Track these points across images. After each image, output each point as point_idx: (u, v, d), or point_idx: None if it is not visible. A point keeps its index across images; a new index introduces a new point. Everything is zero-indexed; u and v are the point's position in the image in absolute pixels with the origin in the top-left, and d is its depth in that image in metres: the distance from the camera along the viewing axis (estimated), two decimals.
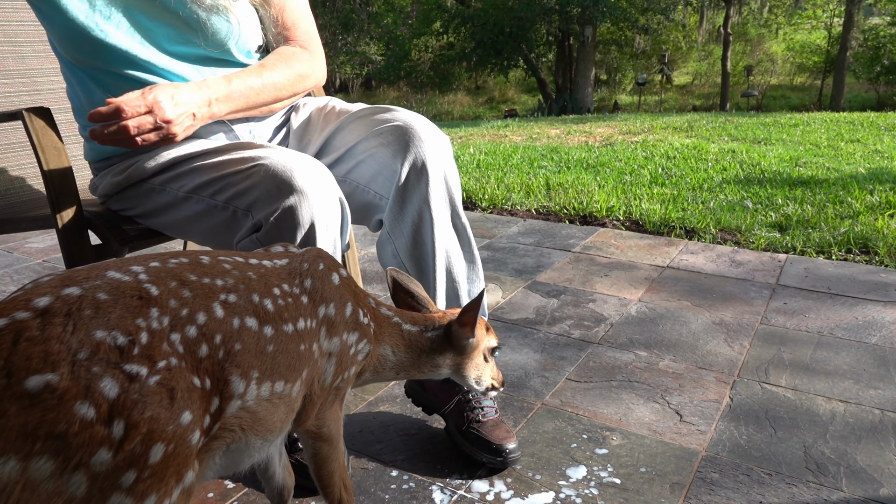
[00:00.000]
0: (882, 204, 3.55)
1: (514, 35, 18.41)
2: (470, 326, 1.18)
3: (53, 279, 0.72)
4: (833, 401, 1.73)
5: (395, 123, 1.44)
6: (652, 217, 3.41)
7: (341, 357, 0.98)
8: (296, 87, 1.51)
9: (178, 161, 1.40)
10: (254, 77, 1.41)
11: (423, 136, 1.42)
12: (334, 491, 1.07)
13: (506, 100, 23.57)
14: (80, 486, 0.63)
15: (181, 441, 0.70)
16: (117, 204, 1.51)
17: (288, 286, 0.91)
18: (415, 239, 1.42)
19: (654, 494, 1.38)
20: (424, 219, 1.41)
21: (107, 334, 0.68)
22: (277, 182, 1.23)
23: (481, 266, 1.55)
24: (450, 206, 1.46)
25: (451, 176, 1.46)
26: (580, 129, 7.67)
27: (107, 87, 1.40)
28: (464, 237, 1.50)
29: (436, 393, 1.55)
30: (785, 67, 24.66)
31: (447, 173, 1.44)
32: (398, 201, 1.42)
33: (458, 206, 1.48)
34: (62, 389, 0.62)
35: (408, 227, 1.42)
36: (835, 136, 6.45)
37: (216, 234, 1.36)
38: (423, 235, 1.41)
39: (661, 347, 2.04)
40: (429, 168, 1.40)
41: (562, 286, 2.57)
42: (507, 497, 1.38)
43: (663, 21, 19.85)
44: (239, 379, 0.79)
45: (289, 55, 1.50)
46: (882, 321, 2.19)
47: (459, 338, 1.19)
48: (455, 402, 1.51)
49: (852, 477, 1.43)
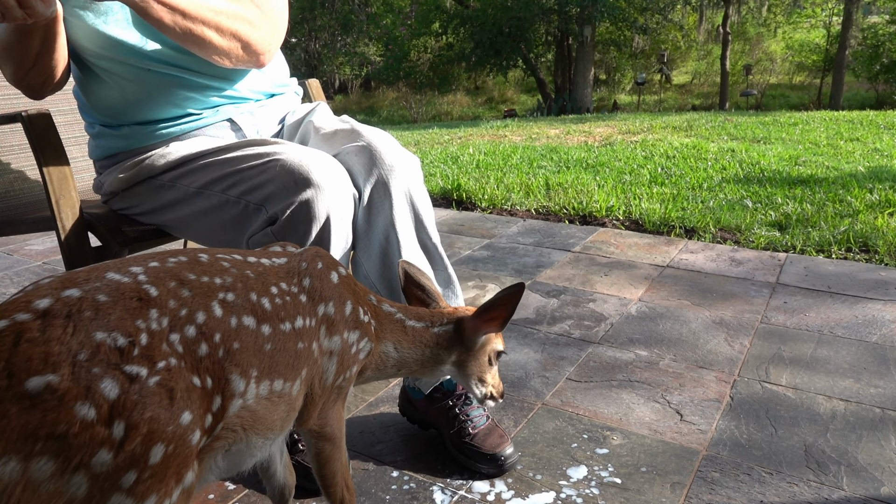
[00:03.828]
0: (882, 202, 3.55)
1: (513, 35, 18.41)
2: (499, 321, 1.15)
3: (53, 281, 0.72)
4: (833, 399, 1.73)
5: (360, 144, 1.40)
6: (652, 216, 3.41)
7: (342, 356, 0.98)
8: (232, 26, 1.36)
9: (190, 158, 1.41)
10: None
11: (387, 156, 1.38)
12: (336, 491, 1.07)
13: (505, 100, 23.56)
14: (81, 487, 0.63)
15: (181, 441, 0.70)
16: (122, 202, 1.52)
17: (286, 285, 0.91)
18: (383, 262, 1.38)
19: (654, 494, 1.38)
20: (391, 241, 1.37)
21: (107, 335, 0.68)
22: (295, 176, 1.24)
23: (458, 284, 1.50)
24: (416, 227, 1.41)
25: (417, 196, 1.41)
26: (579, 129, 7.68)
27: (119, 80, 1.42)
28: (435, 257, 1.45)
29: (426, 412, 1.56)
30: (784, 66, 24.65)
31: (412, 193, 1.40)
32: (364, 224, 1.38)
33: (428, 227, 1.43)
34: (63, 390, 0.63)
35: (375, 250, 1.38)
36: (834, 135, 6.45)
37: (223, 231, 1.36)
38: (391, 258, 1.38)
39: (661, 347, 2.05)
40: (392, 189, 1.36)
41: (562, 286, 2.57)
42: (507, 497, 1.38)
43: (662, 21, 19.85)
44: (239, 378, 0.80)
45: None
46: (882, 319, 2.19)
47: (471, 333, 1.16)
48: (445, 417, 1.52)
49: (853, 475, 1.43)
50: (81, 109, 1.55)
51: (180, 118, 1.48)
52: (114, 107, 1.46)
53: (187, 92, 1.46)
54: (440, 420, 1.53)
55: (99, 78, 1.43)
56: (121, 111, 1.47)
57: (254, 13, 1.41)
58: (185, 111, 1.48)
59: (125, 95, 1.44)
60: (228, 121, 1.52)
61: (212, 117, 1.51)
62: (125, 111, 1.46)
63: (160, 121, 1.48)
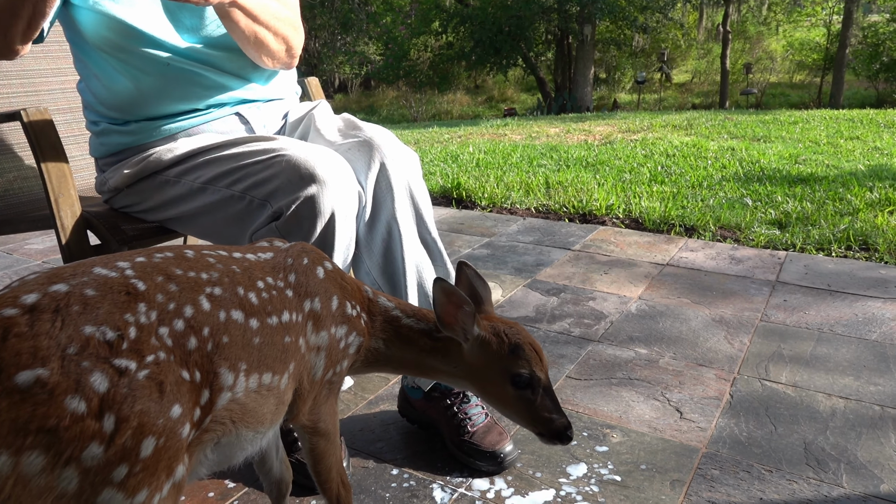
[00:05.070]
0: (882, 200, 3.55)
1: (513, 34, 18.40)
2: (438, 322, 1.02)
3: (40, 276, 0.72)
4: (833, 397, 1.73)
5: (360, 139, 1.43)
6: (651, 215, 3.41)
7: (330, 351, 0.98)
8: (285, 31, 1.46)
9: (195, 153, 1.42)
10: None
11: (387, 151, 1.40)
12: (332, 486, 1.07)
13: (505, 99, 23.56)
14: (72, 482, 0.63)
15: (171, 434, 0.70)
16: (125, 199, 1.52)
17: (272, 279, 0.92)
18: (386, 256, 1.40)
19: (654, 491, 1.38)
20: (393, 235, 1.38)
21: (95, 329, 0.68)
22: (300, 172, 1.24)
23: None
24: (416, 221, 1.43)
25: (417, 191, 1.43)
26: (579, 128, 7.67)
27: (136, 73, 1.42)
28: (435, 252, 1.46)
29: (425, 410, 1.56)
30: (784, 65, 24.63)
31: (413, 188, 1.42)
32: (368, 218, 1.39)
33: (428, 222, 1.45)
34: (52, 384, 0.63)
35: (378, 244, 1.39)
36: (834, 134, 6.45)
37: (226, 227, 1.37)
38: (394, 252, 1.39)
39: (661, 345, 2.04)
40: (393, 183, 1.38)
41: (561, 284, 2.57)
42: (507, 495, 1.38)
43: (662, 19, 19.85)
44: (228, 371, 0.80)
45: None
46: (882, 317, 2.19)
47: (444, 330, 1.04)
48: (444, 416, 1.52)
49: (852, 473, 1.43)
50: (87, 107, 1.55)
51: (188, 113, 1.49)
52: (126, 100, 1.46)
53: (202, 89, 1.48)
54: (439, 418, 1.53)
55: (114, 70, 1.43)
56: (133, 105, 1.47)
57: (296, 18, 1.51)
58: (194, 107, 1.49)
59: (140, 87, 1.44)
60: (236, 114, 1.53)
61: (219, 111, 1.52)
62: (137, 105, 1.47)
63: (169, 116, 1.49)
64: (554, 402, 1.05)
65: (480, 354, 1.05)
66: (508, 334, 1.05)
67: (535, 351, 1.05)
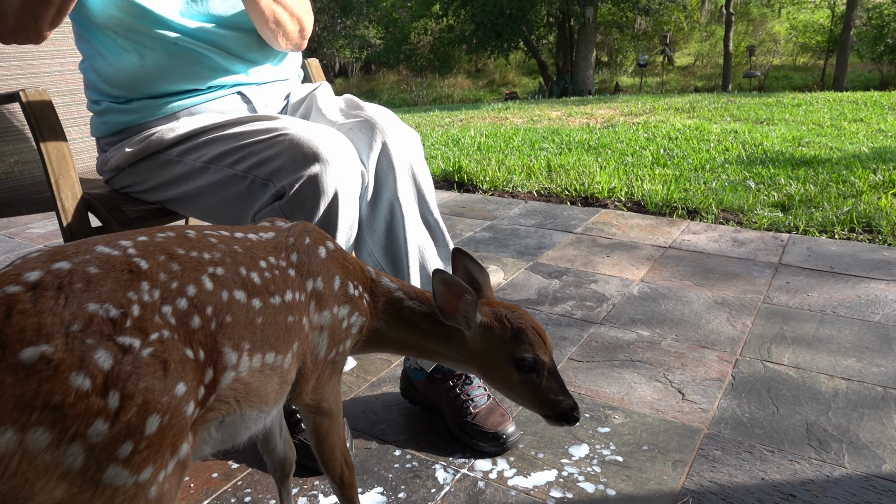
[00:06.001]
0: (885, 183, 3.54)
1: (514, 17, 18.27)
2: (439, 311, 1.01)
3: (42, 255, 0.72)
4: (835, 378, 1.73)
5: (361, 119, 1.42)
6: (654, 198, 3.39)
7: (333, 331, 0.98)
8: (299, 12, 1.49)
9: (198, 132, 1.41)
10: None
11: (389, 130, 1.39)
12: (336, 466, 1.08)
13: (506, 82, 23.43)
14: (77, 458, 0.63)
15: (176, 412, 0.70)
16: (126, 179, 1.51)
17: (274, 259, 0.91)
18: (388, 237, 1.39)
19: (656, 472, 1.39)
20: (396, 215, 1.38)
21: (99, 307, 0.68)
22: (303, 151, 1.24)
23: None
24: (419, 201, 1.43)
25: (419, 171, 1.42)
26: (581, 111, 7.64)
27: (143, 50, 1.42)
28: (437, 232, 1.46)
29: (427, 392, 1.56)
30: (787, 47, 24.46)
31: (415, 168, 1.41)
32: (370, 198, 1.39)
33: (430, 202, 1.44)
34: (57, 361, 0.63)
35: (381, 224, 1.39)
36: (838, 116, 6.42)
37: (228, 207, 1.36)
38: (396, 232, 1.38)
39: (663, 327, 2.04)
40: (395, 162, 1.38)
41: (563, 267, 2.56)
42: (509, 475, 1.39)
43: (665, 2, 19.69)
44: (231, 350, 0.80)
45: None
46: (885, 299, 2.19)
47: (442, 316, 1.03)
48: (446, 397, 1.52)
49: (854, 453, 1.43)
50: (88, 86, 1.54)
51: (190, 92, 1.48)
52: (130, 77, 1.45)
53: (207, 70, 1.47)
54: (441, 400, 1.54)
55: (120, 49, 1.42)
56: (137, 82, 1.46)
57: (310, 9, 1.53)
58: (197, 86, 1.48)
59: (145, 65, 1.43)
60: (238, 94, 1.52)
61: (221, 91, 1.51)
62: (141, 82, 1.46)
63: (172, 94, 1.48)
64: (559, 383, 1.04)
65: (483, 340, 1.05)
66: (511, 319, 1.04)
67: (538, 334, 1.04)
